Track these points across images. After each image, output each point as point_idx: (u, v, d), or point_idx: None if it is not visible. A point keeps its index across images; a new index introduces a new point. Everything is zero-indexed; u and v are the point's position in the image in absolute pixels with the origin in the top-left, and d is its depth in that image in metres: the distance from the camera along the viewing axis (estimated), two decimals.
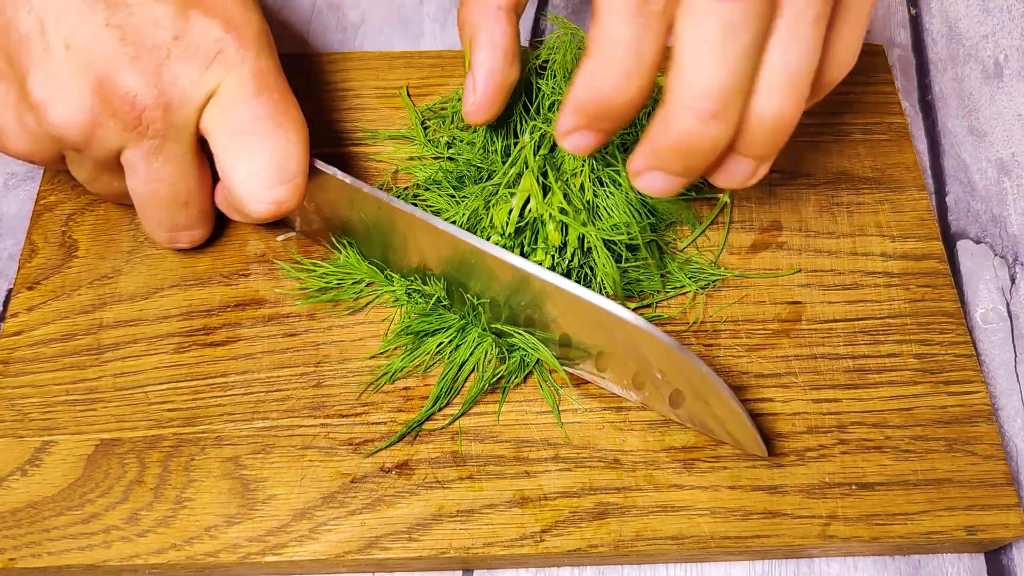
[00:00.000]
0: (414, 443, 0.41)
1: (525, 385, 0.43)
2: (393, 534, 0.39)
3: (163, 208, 0.41)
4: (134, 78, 0.36)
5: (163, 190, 0.40)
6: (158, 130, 0.37)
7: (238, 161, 0.38)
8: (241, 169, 0.38)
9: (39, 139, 0.38)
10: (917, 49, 0.58)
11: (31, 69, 0.36)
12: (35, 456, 0.40)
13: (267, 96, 0.38)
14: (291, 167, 0.39)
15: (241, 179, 0.38)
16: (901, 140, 0.50)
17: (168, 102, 0.37)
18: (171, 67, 0.37)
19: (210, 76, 0.37)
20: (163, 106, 0.37)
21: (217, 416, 0.41)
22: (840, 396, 0.42)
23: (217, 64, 0.37)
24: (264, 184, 0.38)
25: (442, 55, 0.53)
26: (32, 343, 0.43)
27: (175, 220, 0.42)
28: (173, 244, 0.44)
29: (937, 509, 0.40)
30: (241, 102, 0.38)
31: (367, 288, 0.44)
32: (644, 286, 0.44)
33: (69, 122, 0.36)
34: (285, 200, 0.39)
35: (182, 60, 0.37)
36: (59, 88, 0.36)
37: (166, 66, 0.37)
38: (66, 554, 0.38)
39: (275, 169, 0.39)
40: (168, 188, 0.40)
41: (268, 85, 0.39)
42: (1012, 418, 0.45)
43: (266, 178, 0.38)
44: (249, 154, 0.38)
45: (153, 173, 0.39)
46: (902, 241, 0.47)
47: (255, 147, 0.38)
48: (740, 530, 0.39)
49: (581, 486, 0.40)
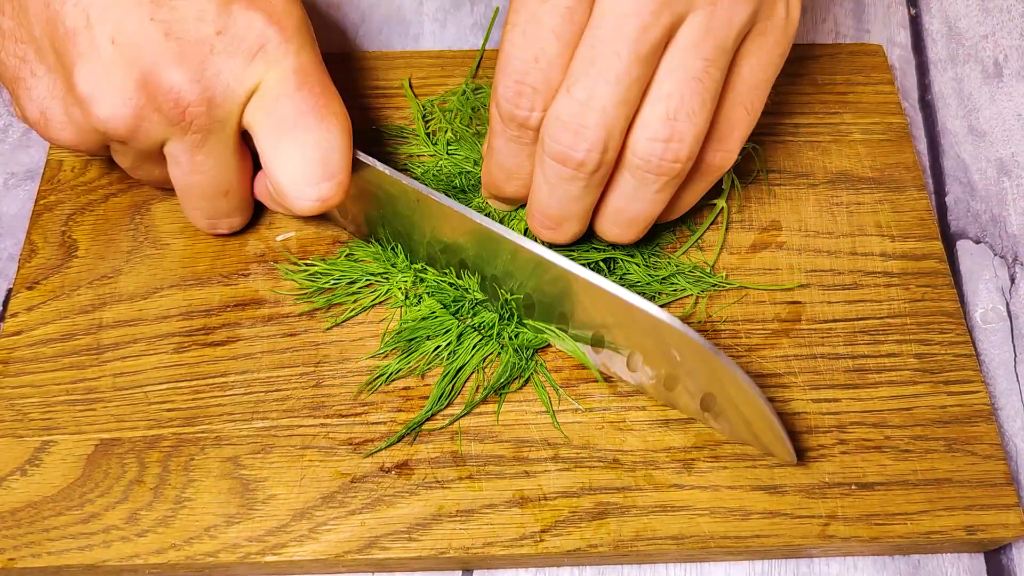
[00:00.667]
0: (414, 443, 0.41)
1: (525, 385, 0.43)
2: (393, 534, 0.39)
3: (204, 198, 0.42)
4: (178, 73, 0.36)
5: (205, 181, 0.40)
6: (201, 125, 0.37)
7: (282, 157, 0.38)
8: (285, 166, 0.38)
9: (84, 131, 0.38)
10: (917, 49, 0.58)
11: (77, 63, 0.36)
12: (35, 456, 0.40)
13: (309, 90, 0.38)
14: (335, 163, 0.39)
15: (285, 176, 0.38)
16: (901, 140, 0.50)
17: (212, 97, 0.37)
18: (215, 62, 0.37)
19: (253, 70, 0.37)
20: (207, 101, 0.37)
21: (217, 416, 0.41)
22: (840, 396, 0.42)
23: (260, 58, 0.37)
24: (309, 181, 0.38)
25: (442, 55, 0.53)
26: (32, 343, 0.43)
27: (216, 208, 0.43)
28: (213, 230, 0.45)
29: (937, 509, 0.40)
30: (284, 97, 0.38)
31: (366, 289, 0.44)
32: (642, 288, 0.44)
33: (114, 117, 0.36)
34: (329, 197, 0.39)
35: (226, 55, 0.37)
36: (105, 83, 0.36)
37: (210, 61, 0.36)
38: (66, 554, 0.38)
39: (319, 165, 0.38)
40: (210, 179, 0.40)
41: (310, 79, 0.38)
42: (1012, 418, 0.45)
43: (310, 175, 0.38)
44: (292, 150, 0.38)
45: (196, 165, 0.39)
46: (902, 241, 0.47)
47: (298, 143, 0.38)
48: (740, 530, 0.39)
49: (581, 486, 0.40)
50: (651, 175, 0.36)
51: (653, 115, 0.35)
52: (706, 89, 0.35)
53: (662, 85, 0.35)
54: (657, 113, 0.35)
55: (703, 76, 0.35)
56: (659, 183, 0.37)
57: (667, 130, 0.35)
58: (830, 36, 0.58)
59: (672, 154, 0.35)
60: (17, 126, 0.53)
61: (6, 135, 0.53)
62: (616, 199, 0.38)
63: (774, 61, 0.37)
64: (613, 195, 0.38)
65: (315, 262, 0.45)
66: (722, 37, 0.35)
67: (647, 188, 0.37)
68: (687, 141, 0.35)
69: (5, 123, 0.54)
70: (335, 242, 0.46)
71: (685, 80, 0.35)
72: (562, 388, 0.42)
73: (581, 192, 0.37)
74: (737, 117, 0.38)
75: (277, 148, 0.38)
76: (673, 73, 0.35)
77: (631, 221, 0.39)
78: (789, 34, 0.37)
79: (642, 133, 0.35)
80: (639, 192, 0.37)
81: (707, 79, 0.35)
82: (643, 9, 0.33)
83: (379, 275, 0.45)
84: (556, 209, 0.38)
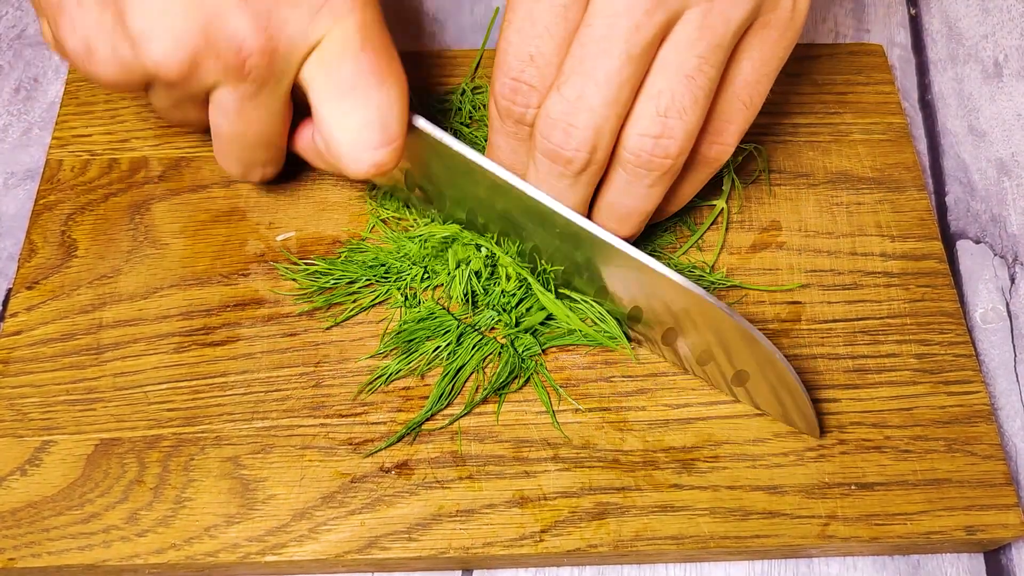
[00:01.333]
0: (414, 443, 0.41)
1: (525, 385, 0.43)
2: (393, 534, 0.39)
3: (245, 148, 0.41)
4: (244, 21, 0.35)
5: (249, 132, 0.39)
6: (259, 76, 0.36)
7: (339, 119, 0.37)
8: (343, 128, 0.37)
9: (129, 69, 0.36)
10: (917, 49, 0.58)
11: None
12: (35, 456, 0.40)
13: (372, 50, 0.37)
14: (392, 128, 0.38)
15: (342, 138, 0.37)
16: (901, 140, 0.50)
17: (275, 48, 0.35)
18: (281, 12, 0.35)
19: (318, 24, 0.36)
20: (270, 52, 0.35)
21: (217, 416, 0.41)
22: (840, 396, 0.42)
23: (326, 12, 0.36)
24: (366, 146, 0.38)
25: (442, 55, 0.53)
26: (31, 343, 0.43)
27: (253, 158, 0.42)
28: (244, 178, 0.44)
29: (936, 509, 0.40)
30: (346, 55, 0.37)
31: (365, 289, 0.44)
32: None
33: (168, 59, 0.35)
34: (385, 163, 0.38)
35: (292, 5, 0.35)
36: (163, 23, 0.34)
37: (276, 10, 0.35)
38: (66, 554, 0.38)
39: (377, 130, 0.37)
40: (255, 131, 0.39)
41: (372, 38, 0.37)
42: (1012, 418, 0.45)
43: (368, 139, 0.37)
44: (351, 113, 0.37)
45: (243, 115, 0.38)
46: (902, 241, 0.47)
47: (357, 105, 0.37)
48: (740, 530, 0.39)
49: (581, 486, 0.40)
50: (642, 170, 0.36)
51: (644, 112, 0.35)
52: (699, 87, 0.35)
53: (655, 82, 0.35)
54: (648, 110, 0.35)
55: (696, 74, 0.35)
56: (651, 178, 0.37)
57: (657, 127, 0.35)
58: (830, 36, 0.58)
59: (662, 150, 0.36)
60: (17, 126, 0.53)
61: (6, 135, 0.53)
62: (610, 194, 0.39)
63: (778, 54, 0.37)
64: (607, 190, 0.39)
65: (315, 262, 0.45)
66: (719, 34, 0.35)
67: (639, 183, 0.37)
68: (677, 138, 0.35)
69: (5, 123, 0.54)
70: (335, 242, 0.46)
71: (677, 77, 0.35)
72: (562, 388, 0.42)
73: (572, 188, 0.38)
74: (735, 110, 0.37)
75: (336, 110, 0.37)
76: (665, 70, 0.35)
77: (626, 215, 0.39)
78: (796, 27, 0.37)
79: (633, 129, 0.36)
80: (632, 187, 0.38)
81: (700, 76, 0.35)
82: (635, 9, 0.33)
83: (379, 275, 0.45)
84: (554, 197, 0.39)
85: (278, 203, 0.47)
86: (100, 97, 0.51)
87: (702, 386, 0.42)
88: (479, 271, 0.43)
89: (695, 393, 0.42)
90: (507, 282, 0.43)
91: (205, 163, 0.48)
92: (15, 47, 0.57)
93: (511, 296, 0.43)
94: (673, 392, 0.42)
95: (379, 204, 0.47)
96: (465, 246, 0.44)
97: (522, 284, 0.43)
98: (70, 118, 0.50)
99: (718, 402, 0.42)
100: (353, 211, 0.47)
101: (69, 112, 0.50)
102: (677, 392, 0.42)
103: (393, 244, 0.45)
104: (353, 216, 0.47)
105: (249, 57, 0.35)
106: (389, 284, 0.44)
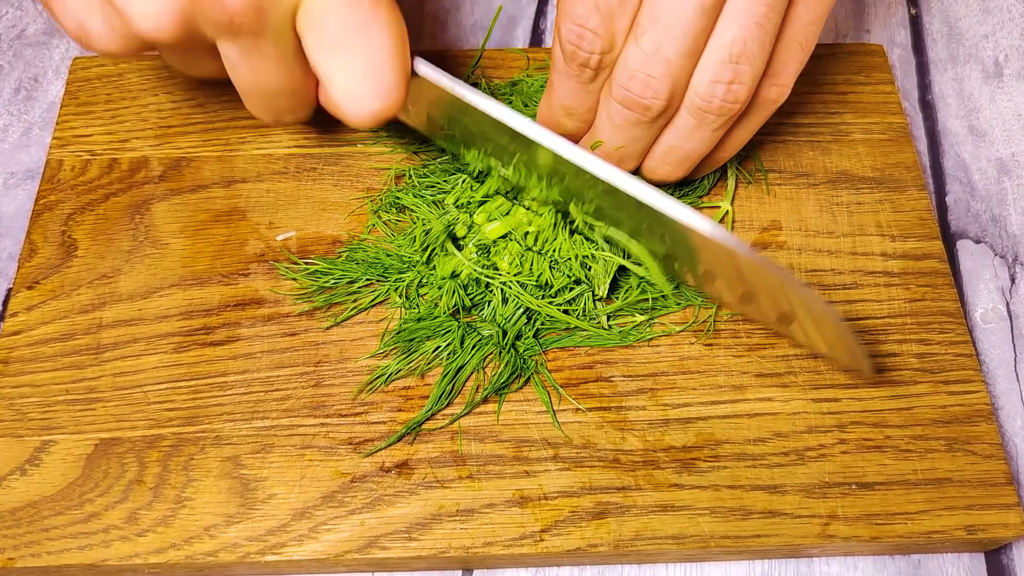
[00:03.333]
0: (414, 443, 0.41)
1: (525, 385, 0.43)
2: (393, 534, 0.39)
3: (268, 97, 0.40)
4: None
5: (266, 84, 0.39)
6: (251, 30, 0.36)
7: (333, 75, 0.37)
8: (337, 83, 0.37)
9: (127, 40, 0.36)
10: (917, 49, 0.58)
11: None
12: (34, 456, 0.40)
13: (356, 4, 0.36)
14: (388, 80, 0.38)
15: (338, 92, 0.38)
16: (901, 140, 0.50)
17: (259, 4, 0.35)
18: None
19: None
20: (255, 8, 0.35)
21: (216, 416, 0.41)
22: (840, 396, 0.42)
23: None
24: (362, 99, 0.38)
25: (442, 55, 0.53)
26: (31, 343, 0.43)
27: (280, 106, 0.41)
28: (278, 124, 0.46)
29: (937, 509, 0.40)
30: (329, 10, 0.36)
31: (365, 289, 0.44)
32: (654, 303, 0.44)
33: (159, 24, 0.34)
34: (383, 114, 0.38)
35: None
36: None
37: None
38: (65, 554, 0.38)
39: (372, 84, 0.37)
40: (273, 82, 0.39)
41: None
42: (1012, 418, 0.45)
43: (363, 93, 0.37)
44: (343, 69, 0.37)
45: (252, 67, 0.38)
46: (902, 241, 0.47)
47: (348, 60, 0.37)
48: (740, 530, 0.39)
49: (581, 486, 0.40)
50: (711, 115, 0.38)
51: (716, 59, 0.37)
52: (766, 33, 0.37)
53: (726, 31, 0.37)
54: (719, 57, 0.37)
55: (764, 21, 0.36)
56: (718, 123, 0.39)
57: (729, 73, 0.37)
58: (830, 36, 0.58)
59: (733, 96, 0.38)
60: (17, 126, 0.53)
61: (6, 135, 0.53)
62: (671, 138, 0.40)
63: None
64: (669, 134, 0.41)
65: (315, 262, 0.45)
66: None
67: (705, 127, 0.39)
68: (747, 83, 0.37)
69: (5, 123, 0.54)
70: (335, 242, 0.46)
71: (748, 25, 0.36)
72: (562, 388, 0.42)
73: (643, 134, 0.40)
74: (792, 52, 0.39)
75: (328, 64, 0.37)
76: (736, 18, 0.36)
77: (683, 159, 0.41)
78: None
79: (704, 76, 0.37)
80: (696, 131, 0.40)
81: (767, 23, 0.37)
82: None
83: (379, 275, 0.45)
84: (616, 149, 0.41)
85: (278, 203, 0.47)
86: (100, 97, 0.51)
87: (702, 386, 0.42)
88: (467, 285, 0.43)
89: (695, 393, 0.42)
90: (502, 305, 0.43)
91: (205, 163, 0.48)
92: (15, 47, 0.57)
93: (504, 308, 0.43)
94: (673, 392, 0.42)
95: (379, 206, 0.47)
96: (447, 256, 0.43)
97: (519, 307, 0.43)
98: (70, 118, 0.50)
99: (719, 402, 0.42)
100: (353, 211, 0.47)
101: (69, 112, 0.50)
102: (677, 392, 0.42)
103: (392, 244, 0.45)
104: (353, 216, 0.47)
105: (234, 14, 0.35)
106: (388, 284, 0.44)
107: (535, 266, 0.43)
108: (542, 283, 0.43)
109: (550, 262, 0.43)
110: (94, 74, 0.52)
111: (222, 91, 0.51)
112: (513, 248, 0.43)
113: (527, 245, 0.43)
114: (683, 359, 0.43)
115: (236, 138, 0.49)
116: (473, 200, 0.44)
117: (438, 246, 0.44)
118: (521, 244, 0.43)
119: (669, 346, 0.43)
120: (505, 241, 0.43)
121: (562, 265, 0.43)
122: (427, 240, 0.44)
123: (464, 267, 0.43)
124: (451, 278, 0.43)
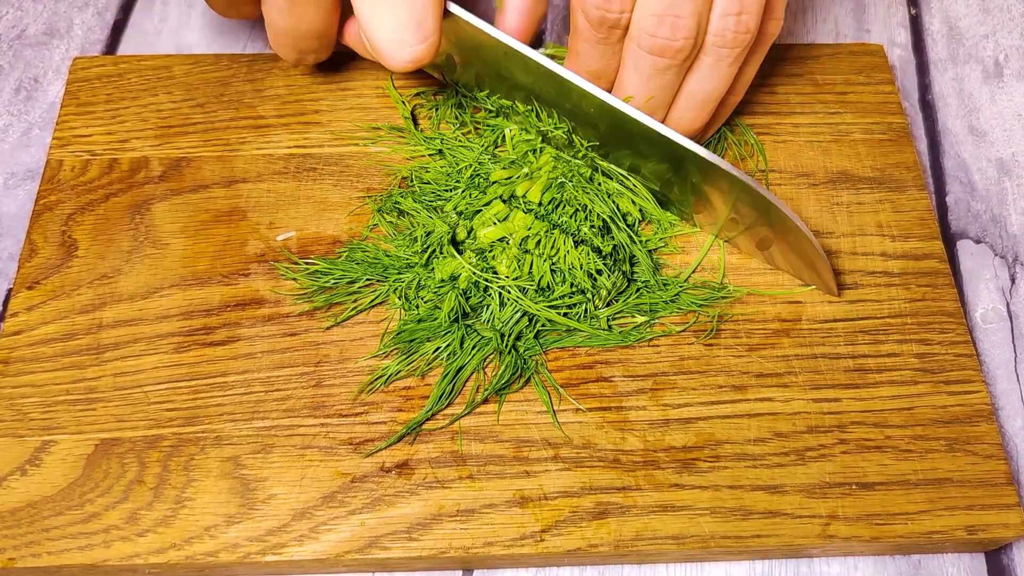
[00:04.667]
0: (414, 443, 0.41)
1: (525, 385, 0.43)
2: (393, 534, 0.39)
3: (298, 38, 0.45)
4: None
5: (301, 26, 0.43)
6: None
7: (375, 20, 0.39)
8: (378, 28, 0.39)
9: None
10: (917, 49, 0.58)
11: None
12: (35, 456, 0.40)
13: None
14: (427, 25, 0.40)
15: (380, 37, 0.40)
16: (901, 140, 0.50)
17: None
18: None
19: None
20: None
21: (217, 416, 0.41)
22: (840, 396, 0.42)
23: None
24: (402, 43, 0.40)
25: None
26: (32, 343, 0.43)
27: (307, 47, 0.46)
28: (299, 64, 0.48)
29: (937, 509, 0.40)
30: None
31: (366, 289, 0.44)
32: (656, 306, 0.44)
33: None
34: (422, 58, 0.40)
35: None
36: None
37: None
38: (66, 554, 0.38)
39: (412, 29, 0.39)
40: (306, 24, 0.43)
41: None
42: (1012, 418, 0.45)
43: (404, 36, 0.40)
44: (385, 14, 0.39)
45: (294, 11, 0.42)
46: (902, 241, 0.47)
47: (390, 7, 0.39)
48: (740, 530, 0.39)
49: (581, 486, 0.40)
50: (726, 49, 0.40)
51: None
52: None
53: None
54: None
55: None
56: (732, 56, 0.41)
57: (736, 4, 0.39)
58: (830, 36, 0.58)
59: (743, 26, 0.40)
60: (17, 126, 0.53)
61: (6, 135, 0.53)
62: (692, 83, 0.42)
63: None
64: (690, 79, 0.42)
65: (315, 262, 0.45)
66: None
67: (721, 64, 0.41)
68: (753, 12, 0.40)
69: (5, 123, 0.54)
70: (335, 242, 0.46)
71: None
72: (563, 388, 0.42)
73: (672, 80, 0.42)
74: None
75: (371, 12, 0.39)
76: None
77: (704, 102, 0.43)
78: None
79: (715, 12, 0.39)
80: (714, 71, 0.41)
81: None
82: None
83: (379, 275, 0.44)
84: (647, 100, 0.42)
85: (278, 203, 0.47)
86: (100, 97, 0.51)
87: (703, 386, 0.42)
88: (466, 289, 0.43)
89: (696, 393, 0.42)
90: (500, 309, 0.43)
91: (205, 163, 0.48)
92: (15, 47, 0.57)
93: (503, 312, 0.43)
94: (674, 392, 0.42)
95: (379, 207, 0.47)
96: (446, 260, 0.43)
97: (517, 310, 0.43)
98: (70, 118, 0.50)
99: (719, 402, 0.42)
100: (353, 211, 0.47)
101: (69, 112, 0.50)
102: (678, 392, 0.42)
103: (392, 244, 0.45)
104: (353, 216, 0.47)
105: None
106: (388, 284, 0.44)
107: (535, 268, 0.43)
108: (543, 286, 0.43)
109: (550, 265, 0.43)
110: (94, 74, 0.52)
111: (222, 91, 0.51)
112: (511, 251, 0.43)
113: (525, 248, 0.43)
114: (683, 359, 0.43)
115: (236, 138, 0.49)
116: (471, 207, 0.44)
117: (438, 247, 0.43)
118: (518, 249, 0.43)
119: (669, 346, 0.43)
120: (502, 244, 0.43)
121: (566, 273, 0.43)
122: (428, 241, 0.44)
123: (463, 270, 0.43)
124: (450, 281, 0.43)
